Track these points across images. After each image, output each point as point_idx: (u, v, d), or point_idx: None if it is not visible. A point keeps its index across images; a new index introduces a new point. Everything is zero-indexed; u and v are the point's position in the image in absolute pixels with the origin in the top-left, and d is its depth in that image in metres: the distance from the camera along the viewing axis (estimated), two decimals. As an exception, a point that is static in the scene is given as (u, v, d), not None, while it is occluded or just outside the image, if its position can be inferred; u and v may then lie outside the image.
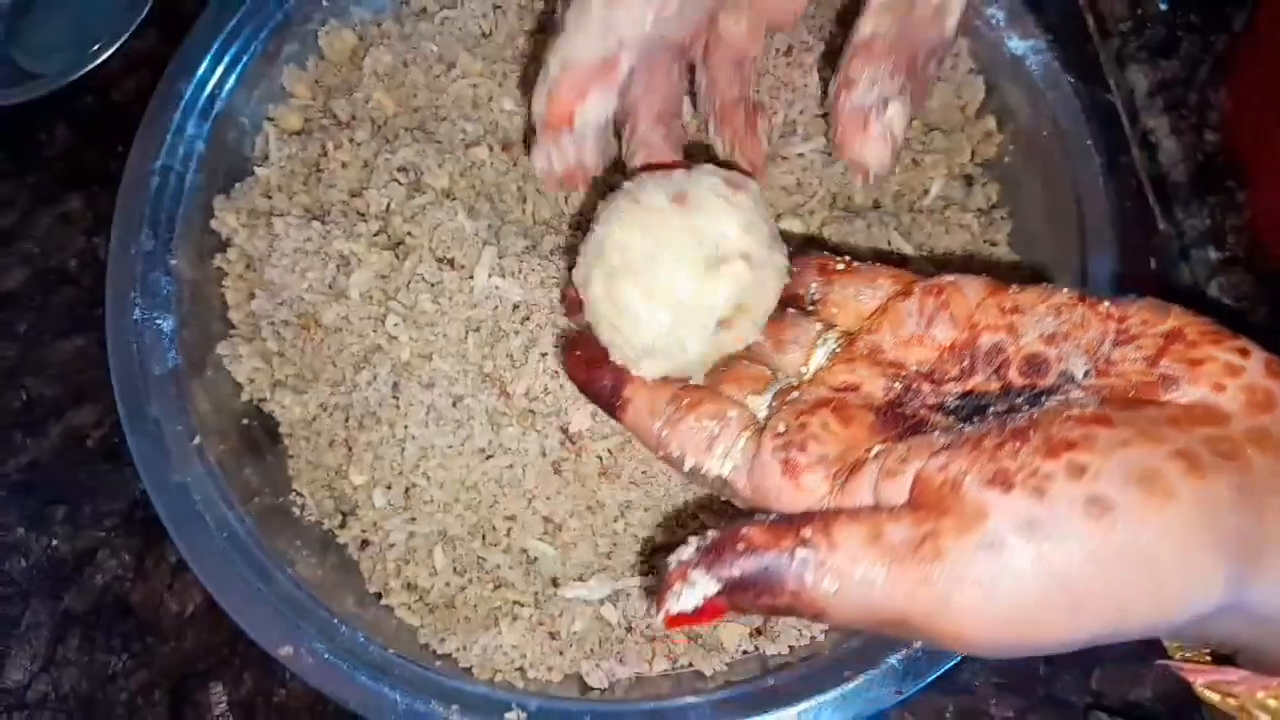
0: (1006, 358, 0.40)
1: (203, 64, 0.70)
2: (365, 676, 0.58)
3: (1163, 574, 0.32)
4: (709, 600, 0.36)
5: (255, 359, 0.66)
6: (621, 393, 0.47)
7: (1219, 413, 0.35)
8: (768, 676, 0.58)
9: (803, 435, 0.40)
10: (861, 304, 0.46)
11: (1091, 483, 0.32)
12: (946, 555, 0.33)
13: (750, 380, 0.46)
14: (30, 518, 0.72)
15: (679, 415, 0.45)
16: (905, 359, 0.42)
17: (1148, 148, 0.71)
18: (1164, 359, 0.36)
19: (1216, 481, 0.32)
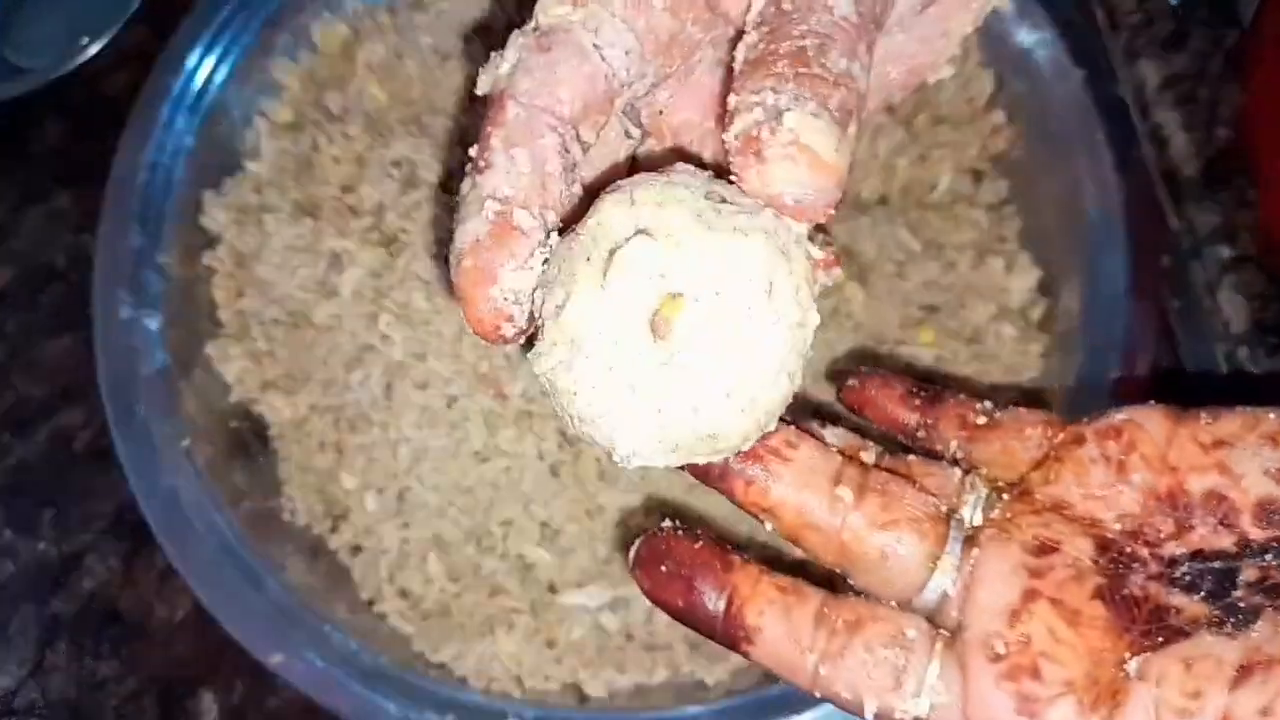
0: (1232, 505, 0.33)
1: (192, 57, 0.69)
2: (359, 685, 0.57)
3: None
4: None
5: (245, 359, 0.65)
6: (744, 619, 0.35)
7: None
8: (771, 686, 0.57)
9: (1030, 655, 0.32)
10: (1015, 459, 0.37)
11: None
12: None
13: (928, 520, 0.35)
14: (18, 521, 0.71)
15: (839, 645, 0.34)
16: (1100, 515, 0.34)
17: (1158, 143, 0.70)
18: None
19: None
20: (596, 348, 0.31)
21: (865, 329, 0.63)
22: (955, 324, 0.63)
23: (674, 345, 0.31)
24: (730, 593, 0.35)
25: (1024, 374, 0.63)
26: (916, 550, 0.35)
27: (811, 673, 0.34)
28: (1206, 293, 0.67)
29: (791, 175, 0.30)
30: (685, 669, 0.60)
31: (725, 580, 0.35)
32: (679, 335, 0.31)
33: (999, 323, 0.64)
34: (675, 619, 0.36)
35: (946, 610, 0.34)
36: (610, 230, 0.31)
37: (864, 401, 0.41)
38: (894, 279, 0.63)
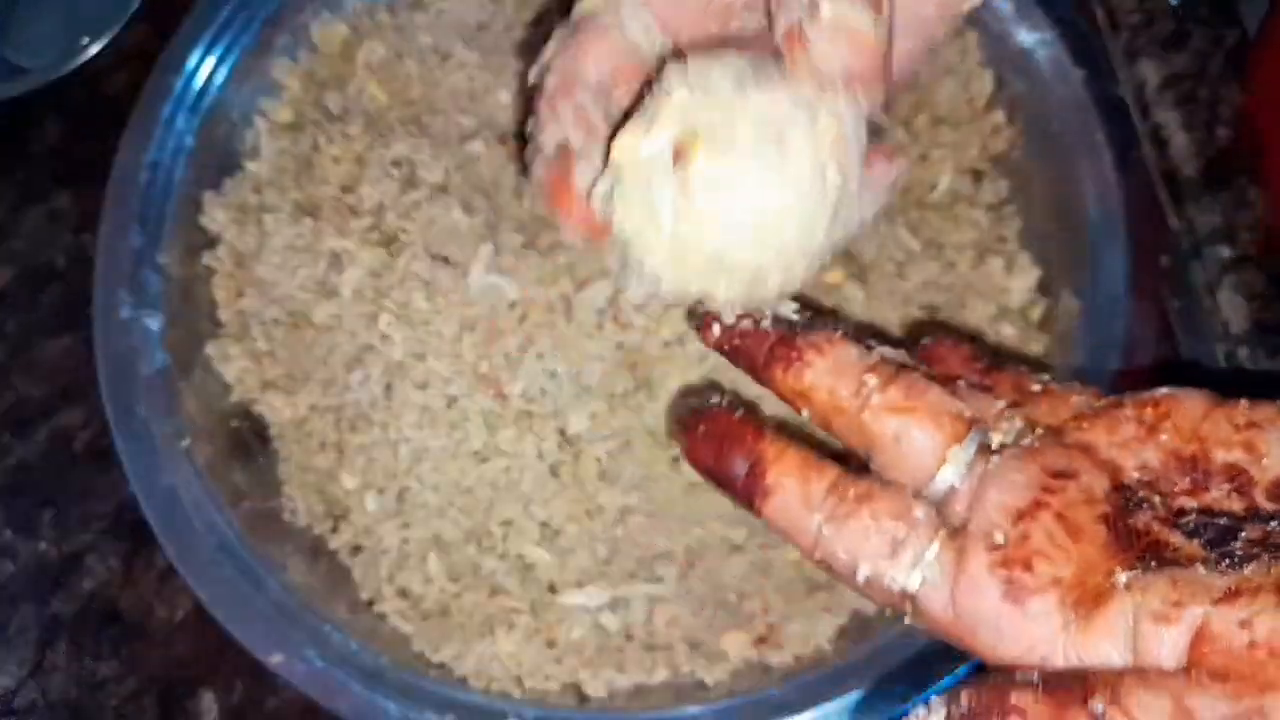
0: (1249, 478, 0.34)
1: (192, 57, 0.69)
2: (358, 685, 0.57)
3: None
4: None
5: (245, 358, 0.65)
6: (764, 478, 0.38)
7: None
8: (771, 686, 0.58)
9: (1025, 550, 0.34)
10: (1058, 412, 0.38)
11: None
12: None
13: (947, 418, 0.37)
14: (17, 521, 0.71)
15: (846, 510, 0.37)
16: (1123, 462, 0.36)
17: (1158, 143, 0.70)
18: None
19: None
20: (633, 176, 0.37)
21: (866, 329, 0.63)
22: (955, 324, 0.63)
23: (691, 178, 0.36)
24: (756, 457, 0.38)
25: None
26: (930, 440, 0.36)
27: (815, 533, 0.37)
28: (1206, 293, 0.67)
29: (835, 52, 0.35)
30: (685, 669, 0.60)
31: (754, 448, 0.39)
32: (696, 170, 0.36)
33: (999, 323, 0.64)
34: (705, 477, 0.41)
35: (953, 506, 0.36)
36: (664, 88, 0.37)
37: (933, 358, 0.43)
38: (894, 279, 0.63)
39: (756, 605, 0.60)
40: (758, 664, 0.60)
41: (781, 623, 0.60)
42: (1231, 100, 0.70)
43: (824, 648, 0.60)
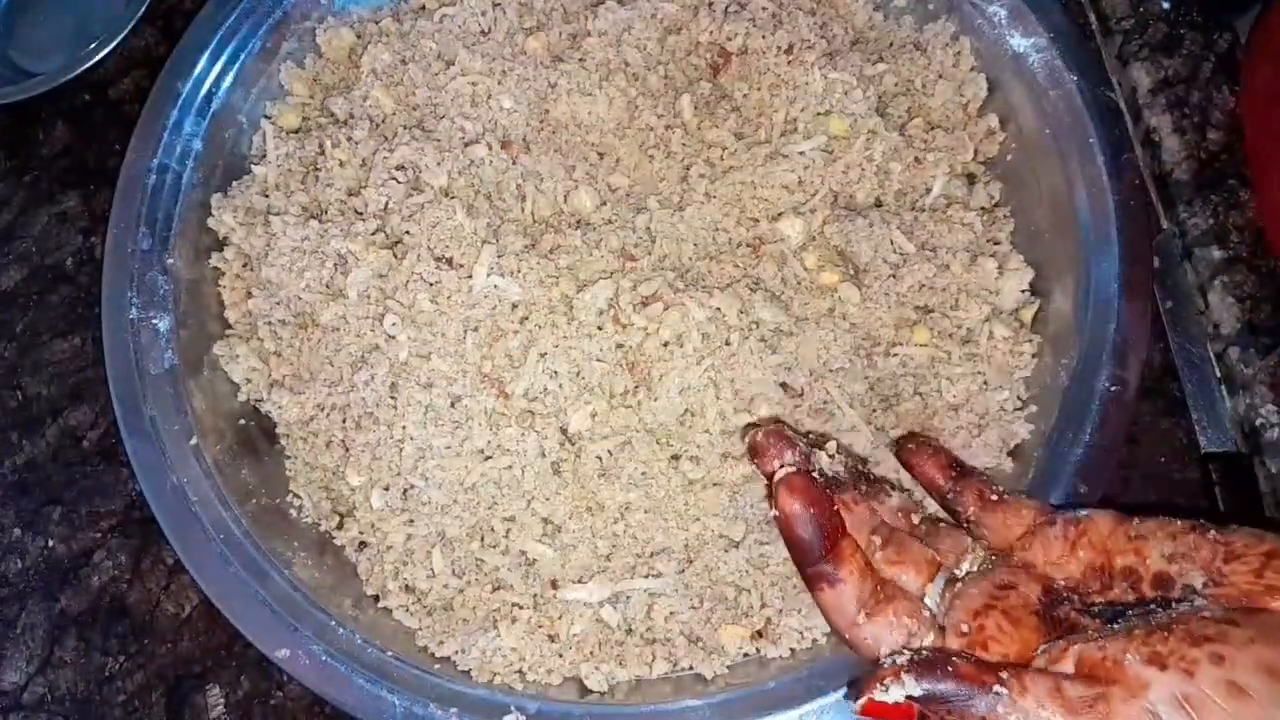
0: (1139, 576, 0.47)
1: (200, 62, 0.70)
2: (363, 679, 0.58)
3: None
4: (908, 699, 0.44)
5: (252, 359, 0.66)
6: (838, 571, 0.49)
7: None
8: (769, 680, 0.58)
9: (983, 636, 0.47)
10: (1009, 530, 0.52)
11: (1230, 670, 0.41)
12: (1116, 716, 0.41)
13: (925, 565, 0.51)
14: (26, 519, 0.71)
15: (878, 608, 0.49)
16: (1052, 575, 0.49)
17: (1150, 146, 0.70)
18: (1267, 572, 0.44)
19: None
20: None
21: (860, 329, 0.63)
22: (948, 324, 0.64)
23: None
24: (836, 552, 0.49)
25: (1016, 374, 0.64)
26: (915, 581, 0.51)
27: (853, 621, 0.49)
28: (1198, 294, 0.68)
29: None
30: (684, 663, 0.60)
31: (837, 543, 0.49)
32: None
33: (992, 323, 0.64)
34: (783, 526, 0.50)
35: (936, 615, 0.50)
36: None
37: (913, 466, 0.57)
38: (888, 280, 0.64)
39: (754, 600, 0.61)
40: (755, 658, 0.61)
41: (778, 617, 0.60)
42: (1223, 104, 0.70)
43: (820, 642, 0.60)
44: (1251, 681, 0.40)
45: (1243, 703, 0.40)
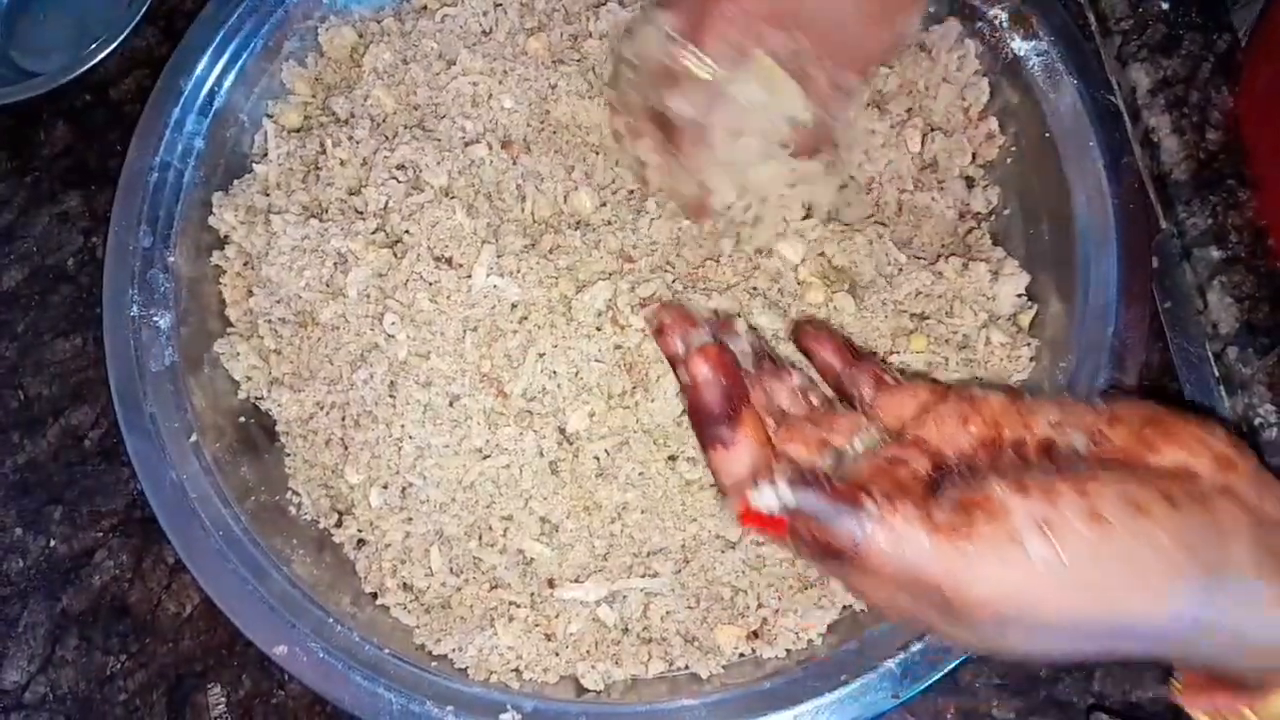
0: (1026, 446, 0.47)
1: (202, 60, 0.70)
2: (360, 676, 0.58)
3: (1145, 574, 0.41)
4: (783, 510, 0.44)
5: (252, 357, 0.66)
6: (737, 435, 0.50)
7: (1192, 472, 0.44)
8: (764, 680, 0.59)
9: (870, 480, 0.47)
10: (903, 410, 0.51)
11: (1095, 500, 0.41)
12: (979, 536, 0.41)
13: (816, 444, 0.51)
14: (28, 518, 0.71)
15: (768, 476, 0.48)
16: (945, 450, 0.49)
17: (1149, 146, 0.70)
18: (1146, 430, 0.46)
19: (1189, 515, 0.41)
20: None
21: (857, 338, 0.63)
22: (944, 331, 0.64)
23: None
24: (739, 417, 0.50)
25: (1013, 378, 0.64)
26: (805, 457, 0.50)
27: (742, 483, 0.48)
28: (1196, 294, 0.68)
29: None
30: (680, 662, 0.60)
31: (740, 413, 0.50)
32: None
33: (989, 329, 0.64)
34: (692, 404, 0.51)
35: None
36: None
37: (812, 348, 0.57)
38: (884, 289, 0.64)
39: (750, 601, 0.61)
40: (750, 658, 0.61)
41: (774, 618, 0.61)
42: (1222, 104, 0.70)
43: (815, 642, 0.61)
44: (1113, 511, 0.41)
45: (1102, 530, 0.41)
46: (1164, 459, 0.45)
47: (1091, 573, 0.41)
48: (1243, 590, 0.41)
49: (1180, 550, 0.41)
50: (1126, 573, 0.41)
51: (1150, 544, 0.41)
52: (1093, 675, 0.64)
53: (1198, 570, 0.41)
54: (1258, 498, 0.44)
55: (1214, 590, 0.41)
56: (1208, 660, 0.45)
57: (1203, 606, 0.41)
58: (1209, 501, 0.42)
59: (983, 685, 0.64)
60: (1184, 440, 0.45)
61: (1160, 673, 0.63)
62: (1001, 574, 0.41)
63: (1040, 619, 0.41)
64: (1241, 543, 0.42)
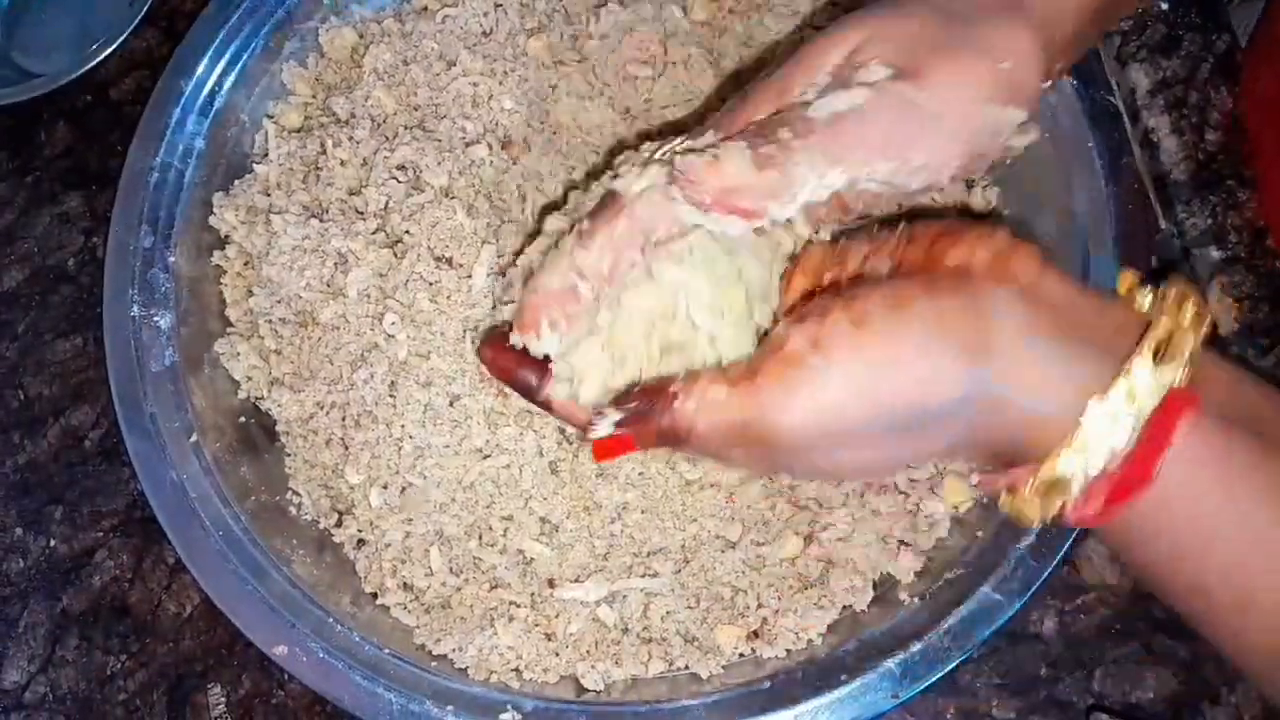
0: (840, 284, 0.49)
1: (203, 61, 0.70)
2: (360, 676, 0.58)
3: (909, 364, 0.43)
4: (618, 428, 0.47)
5: (253, 356, 0.66)
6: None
7: (967, 269, 0.46)
8: (764, 679, 0.58)
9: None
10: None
11: (858, 306, 0.44)
12: (765, 371, 0.45)
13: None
14: (28, 518, 0.71)
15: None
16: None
17: (1149, 146, 0.70)
18: (936, 246, 0.48)
19: (950, 300, 0.44)
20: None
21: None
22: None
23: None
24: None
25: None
26: None
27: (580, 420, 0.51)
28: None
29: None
30: (679, 662, 0.60)
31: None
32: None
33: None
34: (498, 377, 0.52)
35: None
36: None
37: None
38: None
39: (750, 600, 0.61)
40: (750, 657, 0.61)
41: (774, 618, 0.60)
42: (1221, 104, 0.70)
43: (815, 642, 0.60)
44: (874, 313, 0.43)
45: (864, 332, 0.43)
46: (949, 262, 0.47)
47: (862, 373, 0.43)
48: (1009, 365, 0.43)
49: (942, 334, 0.43)
50: (893, 363, 0.43)
51: (912, 334, 0.43)
52: (1093, 675, 0.64)
53: (960, 353, 0.43)
54: (1034, 280, 0.45)
55: (978, 360, 0.43)
56: (993, 443, 0.46)
57: (973, 383, 0.43)
58: (975, 287, 0.44)
59: (982, 685, 0.65)
60: (967, 241, 0.47)
61: (1160, 674, 0.64)
62: (790, 399, 0.44)
63: (837, 429, 0.44)
64: (1008, 316, 0.43)
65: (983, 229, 0.48)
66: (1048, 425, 0.44)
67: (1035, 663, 0.65)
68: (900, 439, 0.45)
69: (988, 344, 0.43)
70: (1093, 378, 0.43)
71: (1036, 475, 0.45)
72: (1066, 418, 0.43)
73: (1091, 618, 0.65)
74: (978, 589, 0.58)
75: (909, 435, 0.45)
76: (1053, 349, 0.43)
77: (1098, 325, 0.45)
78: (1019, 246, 0.46)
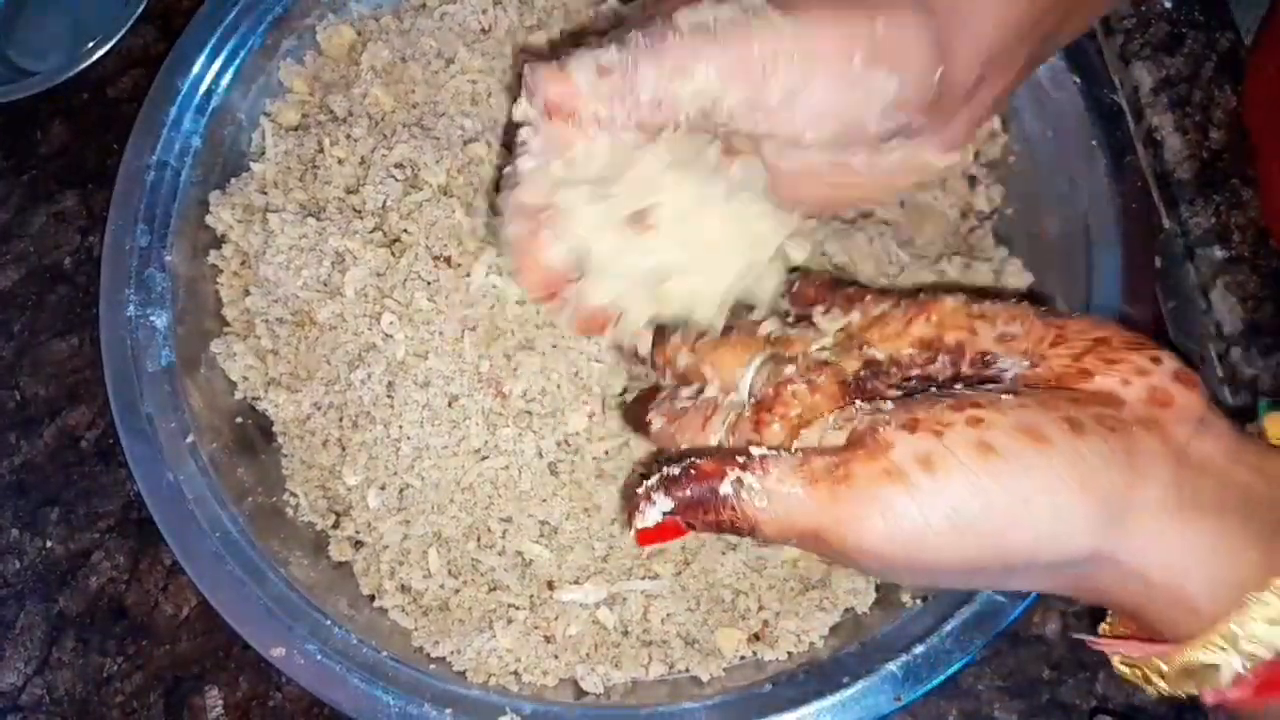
0: (964, 353, 0.44)
1: (200, 59, 0.70)
2: (358, 679, 0.58)
3: (1034, 509, 0.38)
4: (668, 517, 0.43)
5: (249, 356, 0.66)
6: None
7: (1117, 400, 0.40)
8: (765, 682, 0.58)
9: (772, 400, 0.46)
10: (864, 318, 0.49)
11: (985, 431, 0.38)
12: (855, 478, 0.39)
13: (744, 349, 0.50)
14: (24, 519, 0.71)
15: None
16: (879, 351, 0.46)
17: (1152, 145, 0.70)
18: (1087, 357, 0.42)
19: (1095, 442, 0.38)
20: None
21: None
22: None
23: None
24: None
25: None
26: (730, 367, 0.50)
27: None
28: (1199, 294, 0.67)
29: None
30: (680, 665, 0.60)
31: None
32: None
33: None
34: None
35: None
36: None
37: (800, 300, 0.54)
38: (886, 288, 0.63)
39: (751, 603, 0.60)
40: (751, 660, 0.60)
41: (775, 620, 0.60)
42: (1225, 103, 0.70)
43: (816, 645, 0.60)
44: (1004, 441, 0.38)
45: (987, 463, 0.38)
46: (1095, 385, 0.41)
47: (975, 510, 0.38)
48: (1148, 528, 0.38)
49: (1075, 482, 0.38)
50: (1014, 507, 0.38)
51: (1039, 475, 0.38)
52: (1096, 678, 0.64)
53: (1096, 506, 0.38)
54: (1188, 438, 0.40)
55: (1114, 524, 0.38)
56: (1111, 600, 0.42)
57: (1102, 540, 0.38)
58: (1126, 432, 0.39)
59: (985, 688, 0.64)
60: (1123, 367, 0.41)
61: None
62: (876, 517, 0.39)
63: (925, 562, 0.39)
64: (1155, 479, 0.38)
65: (1143, 352, 0.42)
66: (1188, 607, 0.39)
67: (1038, 665, 0.64)
68: (993, 576, 0.42)
69: (1129, 501, 0.38)
70: (1251, 567, 0.38)
71: (1179, 657, 0.40)
72: (1212, 605, 0.38)
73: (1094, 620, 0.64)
74: (980, 591, 0.57)
75: (1005, 576, 0.42)
76: (1205, 524, 0.39)
77: (1258, 491, 0.40)
78: (1182, 380, 0.41)
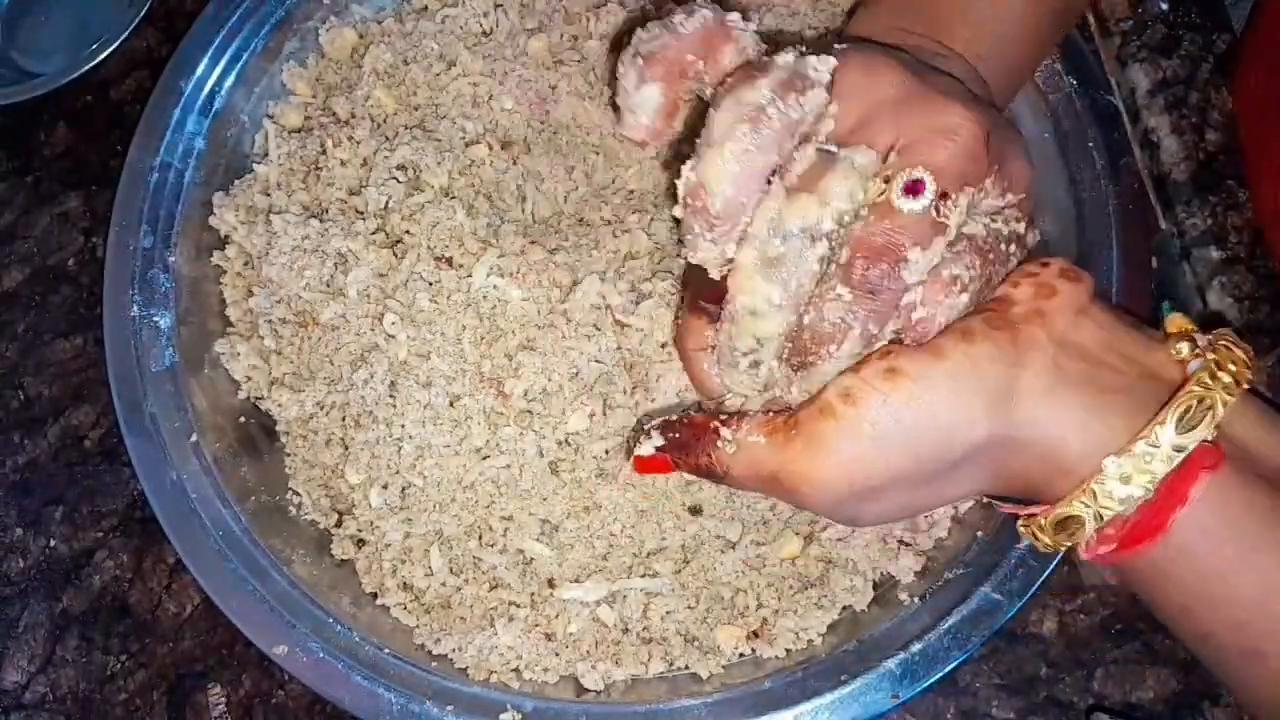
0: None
1: (203, 61, 0.70)
2: (360, 676, 0.58)
3: (937, 412, 0.43)
4: (658, 450, 0.51)
5: (253, 357, 0.66)
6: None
7: (1009, 301, 0.46)
8: (764, 680, 0.58)
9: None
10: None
11: (894, 359, 0.44)
12: (800, 423, 0.45)
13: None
14: (28, 518, 0.71)
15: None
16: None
17: (1149, 147, 0.70)
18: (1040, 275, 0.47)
19: (982, 343, 0.44)
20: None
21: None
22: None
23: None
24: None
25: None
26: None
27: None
28: (1196, 295, 0.68)
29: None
30: (680, 663, 0.60)
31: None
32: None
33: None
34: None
35: None
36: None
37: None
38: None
39: (750, 600, 0.61)
40: (750, 658, 0.61)
41: (774, 618, 0.60)
42: (1222, 104, 0.70)
43: (815, 642, 0.60)
44: (905, 363, 0.44)
45: (895, 383, 0.43)
46: (996, 293, 0.47)
47: (889, 424, 0.43)
48: (1032, 406, 0.44)
49: (971, 381, 0.43)
50: (921, 414, 0.43)
51: (938, 383, 0.43)
52: (1093, 675, 0.64)
53: (987, 398, 0.43)
54: (1068, 325, 0.45)
55: (1002, 408, 0.43)
56: (1026, 483, 0.47)
57: (995, 424, 0.44)
58: (1010, 327, 0.44)
59: (982, 685, 0.64)
60: (1017, 274, 0.47)
61: (1160, 674, 0.64)
62: (817, 453, 0.44)
63: (862, 484, 0.45)
64: (1035, 364, 0.44)
65: (1041, 259, 0.48)
66: (1065, 471, 0.44)
67: (1035, 663, 0.65)
68: (924, 487, 0.46)
69: (1014, 391, 0.44)
70: (1113, 433, 0.43)
71: (1051, 514, 0.46)
72: (1083, 467, 0.44)
73: (1092, 618, 0.65)
74: (978, 589, 0.58)
75: (933, 483, 0.46)
76: (1078, 399, 0.44)
77: (1132, 371, 0.45)
78: (1067, 275, 0.47)
